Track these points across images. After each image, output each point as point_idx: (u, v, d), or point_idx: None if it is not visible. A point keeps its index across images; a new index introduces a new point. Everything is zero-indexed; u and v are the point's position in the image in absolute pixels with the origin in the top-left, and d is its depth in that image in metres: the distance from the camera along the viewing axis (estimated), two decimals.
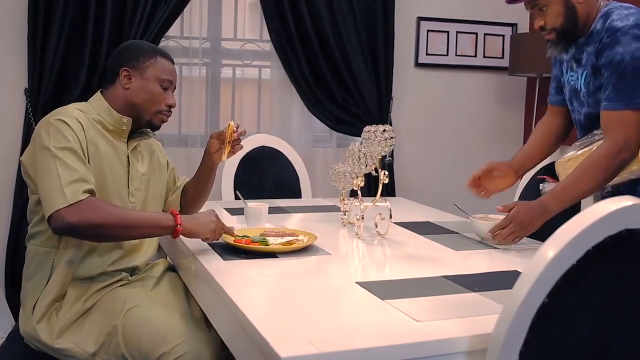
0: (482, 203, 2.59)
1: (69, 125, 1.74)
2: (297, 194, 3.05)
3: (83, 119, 1.80)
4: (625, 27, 1.88)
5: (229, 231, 1.86)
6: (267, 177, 3.01)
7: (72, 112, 1.81)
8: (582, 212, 1.10)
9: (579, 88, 2.07)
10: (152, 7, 3.34)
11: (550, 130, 2.30)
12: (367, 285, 1.49)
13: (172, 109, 1.95)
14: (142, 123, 1.92)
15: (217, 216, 1.84)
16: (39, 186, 1.70)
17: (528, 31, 4.20)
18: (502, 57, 4.16)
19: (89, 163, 1.77)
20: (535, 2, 2.00)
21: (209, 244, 1.87)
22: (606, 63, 1.91)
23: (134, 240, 1.90)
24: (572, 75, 2.11)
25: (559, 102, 2.25)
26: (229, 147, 2.01)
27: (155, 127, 1.94)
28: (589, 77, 2.00)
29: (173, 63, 1.96)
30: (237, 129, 2.03)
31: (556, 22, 2.00)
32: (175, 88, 1.96)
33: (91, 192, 1.69)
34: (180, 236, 1.78)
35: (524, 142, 4.23)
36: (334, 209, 2.56)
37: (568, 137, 2.30)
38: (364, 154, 2.05)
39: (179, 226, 1.74)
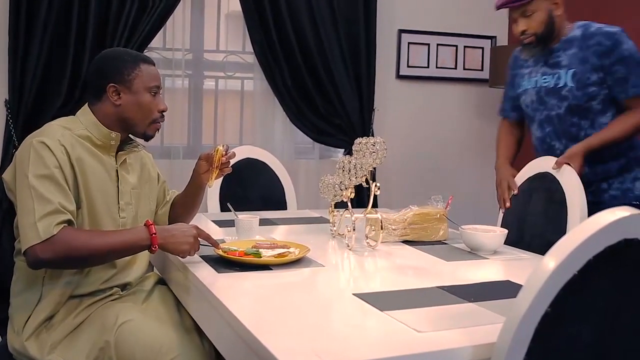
0: (468, 213, 2.61)
1: (49, 148, 1.70)
2: (282, 206, 3.04)
3: (68, 138, 1.76)
4: (617, 31, 2.30)
5: (214, 244, 1.85)
6: (252, 188, 3.01)
7: (56, 132, 1.76)
8: (581, 223, 1.12)
9: (561, 85, 2.38)
10: (134, 19, 3.33)
11: (515, 137, 2.70)
12: (364, 297, 1.50)
13: (164, 113, 1.92)
14: (137, 135, 1.91)
15: (195, 234, 1.78)
16: (17, 218, 1.69)
17: (507, 44, 4.27)
18: (482, 70, 4.22)
19: (76, 183, 1.75)
20: (524, 9, 2.34)
21: (201, 256, 1.86)
22: (617, 60, 2.28)
23: (127, 257, 1.88)
24: (545, 79, 2.44)
25: (516, 117, 2.68)
26: (217, 172, 2.00)
27: (150, 137, 1.93)
28: (581, 74, 2.32)
29: (155, 65, 1.91)
30: (226, 152, 2.01)
31: (539, 28, 2.36)
32: (161, 90, 1.93)
33: (68, 222, 1.67)
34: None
35: None
36: (322, 220, 2.57)
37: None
38: (355, 165, 2.06)
39: (154, 247, 1.72)
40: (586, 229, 1.10)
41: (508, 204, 2.47)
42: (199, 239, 1.80)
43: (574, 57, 2.35)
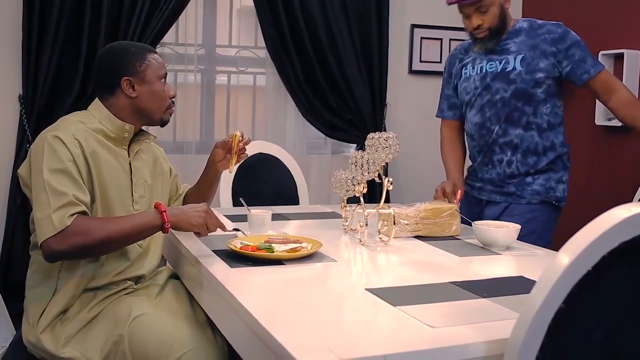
0: None
1: (64, 142, 1.72)
2: (294, 201, 3.05)
3: (81, 132, 1.78)
4: (560, 23, 2.45)
5: (222, 226, 1.86)
6: (264, 183, 3.01)
7: (70, 126, 1.78)
8: (596, 219, 1.11)
9: (509, 69, 2.45)
10: (147, 15, 3.34)
11: (459, 144, 2.78)
12: (377, 292, 1.50)
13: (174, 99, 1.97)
14: (154, 123, 1.94)
15: (207, 210, 1.80)
16: (33, 212, 1.71)
17: None
18: None
19: (90, 177, 1.77)
20: (480, 4, 2.39)
21: (213, 251, 1.87)
22: (571, 45, 2.40)
23: (140, 250, 1.89)
24: (491, 65, 2.50)
25: (453, 116, 2.74)
26: (236, 157, 2.03)
27: (167, 122, 1.97)
28: (530, 59, 2.42)
29: (157, 53, 1.96)
30: (242, 137, 2.04)
31: (493, 22, 2.43)
32: None
33: (82, 212, 1.68)
34: (184, 244, 1.77)
35: None
36: (335, 215, 2.57)
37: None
38: (367, 160, 2.06)
39: (166, 224, 1.73)
40: (601, 224, 1.09)
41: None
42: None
43: (522, 44, 2.44)
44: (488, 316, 1.37)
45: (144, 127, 1.98)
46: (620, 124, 2.84)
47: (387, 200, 2.14)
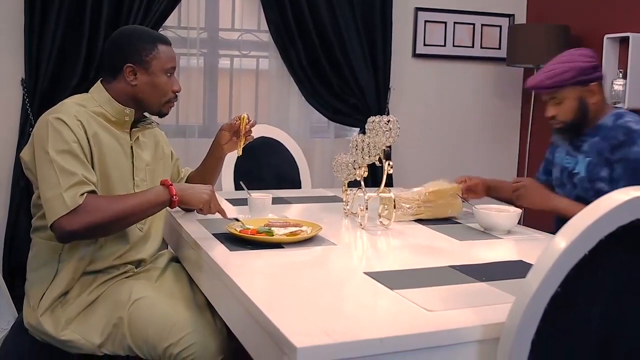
0: None
1: (67, 124, 1.72)
2: (297, 185, 3.05)
3: (83, 115, 1.78)
4: (630, 127, 2.07)
5: (222, 212, 1.87)
6: (267, 168, 3.01)
7: (72, 108, 1.78)
8: (593, 202, 1.11)
9: (576, 171, 2.20)
10: None
11: None
12: (375, 276, 1.50)
13: (178, 94, 1.93)
14: (151, 113, 1.92)
15: (212, 190, 1.85)
16: (40, 193, 1.71)
17: (525, 22, 4.21)
18: (499, 48, 4.17)
19: (92, 158, 1.77)
20: (553, 95, 2.16)
21: (213, 234, 1.87)
22: (622, 158, 2.05)
23: (140, 233, 1.90)
24: (567, 159, 2.26)
25: (542, 181, 2.40)
26: (244, 139, 2.03)
27: (165, 115, 1.94)
28: (594, 166, 2.13)
29: (171, 45, 1.91)
30: (249, 119, 2.05)
31: (567, 116, 2.16)
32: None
33: (91, 192, 1.68)
34: (184, 227, 1.77)
35: (520, 134, 4.28)
36: (336, 199, 2.57)
37: None
38: (368, 144, 2.05)
39: (174, 197, 1.76)
40: (598, 208, 1.09)
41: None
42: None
43: (593, 146, 2.15)
44: (486, 300, 1.37)
45: (146, 113, 1.97)
46: None
47: (390, 184, 2.14)
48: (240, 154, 2.09)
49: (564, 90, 2.13)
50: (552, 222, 2.27)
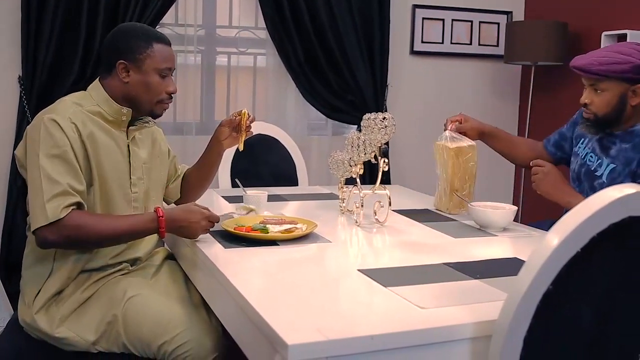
0: (481, 189, 2.59)
1: (60, 127, 1.70)
2: (293, 182, 3.04)
3: (79, 115, 1.76)
4: None
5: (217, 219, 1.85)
6: (264, 165, 3.01)
7: (68, 109, 1.76)
8: (586, 199, 1.10)
9: (597, 174, 2.12)
10: None
11: (532, 146, 2.49)
12: (369, 273, 1.50)
13: (172, 95, 1.91)
14: (144, 113, 1.90)
15: (203, 213, 1.78)
16: (27, 195, 1.70)
17: (523, 19, 4.21)
18: (497, 45, 4.17)
19: (87, 159, 1.76)
20: (594, 82, 2.05)
21: (209, 231, 1.86)
22: None
23: None
24: (591, 157, 2.16)
25: (550, 152, 2.41)
26: (245, 134, 2.03)
27: (157, 116, 1.92)
28: (617, 174, 2.05)
29: (170, 45, 1.89)
30: (248, 115, 2.05)
31: (602, 109, 2.06)
32: (174, 70, 1.91)
33: (77, 204, 1.68)
34: None
35: (518, 130, 4.28)
36: (332, 196, 2.56)
37: None
38: (364, 141, 2.05)
39: (161, 229, 1.73)
40: (591, 205, 1.09)
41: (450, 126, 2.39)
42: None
43: (621, 153, 2.06)
44: (479, 297, 1.36)
45: None
46: None
47: (387, 182, 2.13)
48: (242, 148, 2.09)
49: (608, 81, 2.01)
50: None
